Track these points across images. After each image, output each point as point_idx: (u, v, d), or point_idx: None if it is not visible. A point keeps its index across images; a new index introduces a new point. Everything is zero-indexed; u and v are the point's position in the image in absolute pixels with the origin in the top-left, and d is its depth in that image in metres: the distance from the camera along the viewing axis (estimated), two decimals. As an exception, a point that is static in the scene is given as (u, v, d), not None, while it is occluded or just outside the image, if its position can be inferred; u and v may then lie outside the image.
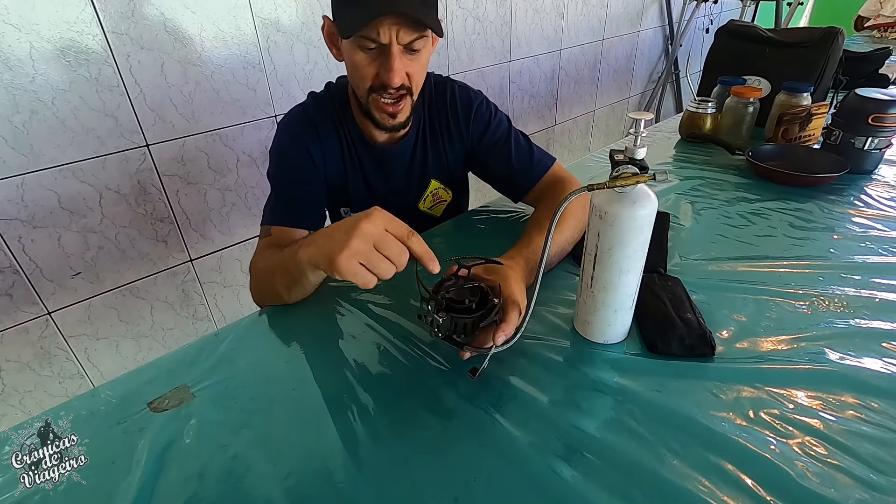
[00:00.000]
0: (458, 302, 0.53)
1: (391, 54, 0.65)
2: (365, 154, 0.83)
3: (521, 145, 0.85)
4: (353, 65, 0.69)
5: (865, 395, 0.51)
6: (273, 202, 0.77)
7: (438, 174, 0.89)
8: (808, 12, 4.24)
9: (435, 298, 0.53)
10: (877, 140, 0.97)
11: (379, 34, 0.63)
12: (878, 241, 0.78)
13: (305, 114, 0.79)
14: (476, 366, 0.52)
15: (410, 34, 0.65)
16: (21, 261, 1.10)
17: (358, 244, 0.48)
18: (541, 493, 0.43)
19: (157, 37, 1.13)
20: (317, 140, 0.78)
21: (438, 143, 0.86)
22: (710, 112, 1.21)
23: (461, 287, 0.55)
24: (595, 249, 0.53)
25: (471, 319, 0.52)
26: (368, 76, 0.68)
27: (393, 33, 0.64)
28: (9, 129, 1.00)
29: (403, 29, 0.64)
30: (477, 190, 1.02)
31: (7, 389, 1.18)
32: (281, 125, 0.80)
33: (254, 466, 0.46)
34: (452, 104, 0.84)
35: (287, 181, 0.78)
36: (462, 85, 0.86)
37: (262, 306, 0.71)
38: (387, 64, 0.66)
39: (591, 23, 2.41)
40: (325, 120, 0.79)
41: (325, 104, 0.80)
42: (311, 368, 0.58)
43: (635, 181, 0.48)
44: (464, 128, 0.85)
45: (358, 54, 0.67)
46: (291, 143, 0.78)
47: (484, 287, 0.55)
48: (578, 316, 0.60)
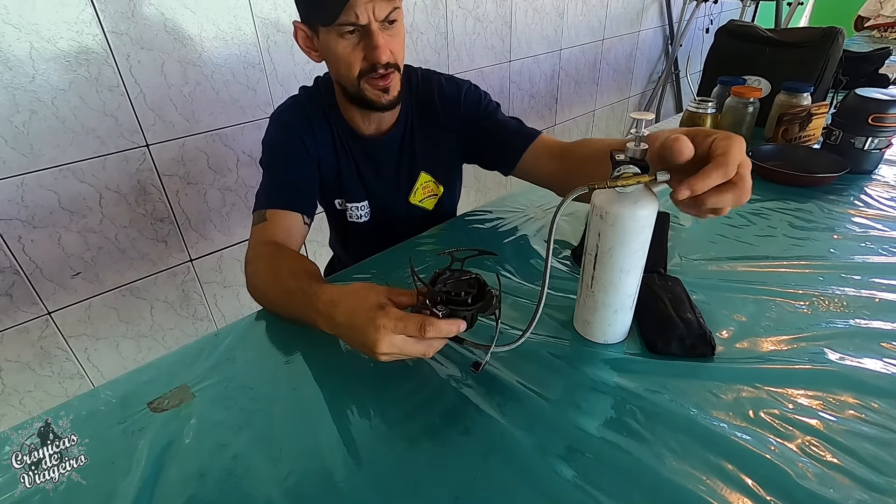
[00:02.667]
0: (455, 295, 0.51)
1: (372, 32, 0.66)
2: (355, 146, 0.84)
3: (510, 119, 0.86)
4: (336, 56, 0.69)
5: (865, 395, 0.51)
6: (266, 187, 0.78)
7: (429, 167, 0.89)
8: (808, 12, 4.24)
9: (431, 291, 0.51)
10: (877, 140, 0.97)
11: (357, 15, 0.64)
12: (878, 241, 0.78)
13: (298, 105, 0.81)
14: (479, 360, 0.52)
15: (385, 8, 0.66)
16: (21, 261, 1.10)
17: (385, 348, 0.48)
18: (541, 492, 0.43)
19: (157, 37, 1.13)
20: (310, 130, 0.79)
21: (429, 135, 0.86)
22: (710, 112, 1.21)
23: (458, 279, 0.53)
24: (595, 249, 0.53)
25: (469, 312, 0.51)
26: (355, 62, 0.69)
27: (369, 11, 0.65)
28: (9, 129, 1.00)
29: (377, 4, 0.65)
30: (477, 190, 1.02)
31: (7, 389, 1.18)
32: (274, 115, 0.81)
33: (254, 466, 0.46)
34: (441, 95, 0.84)
35: (280, 165, 0.78)
36: (449, 76, 0.87)
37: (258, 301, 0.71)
38: (371, 43, 0.67)
39: (591, 23, 2.42)
40: (317, 113, 0.80)
41: (316, 98, 0.82)
42: (311, 368, 0.58)
43: (637, 181, 0.48)
44: (455, 114, 0.85)
45: (340, 43, 0.67)
46: (285, 132, 0.79)
47: (481, 279, 0.54)
48: (579, 316, 0.60)
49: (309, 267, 0.66)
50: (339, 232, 0.99)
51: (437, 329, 0.48)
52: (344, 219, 0.91)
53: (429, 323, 0.48)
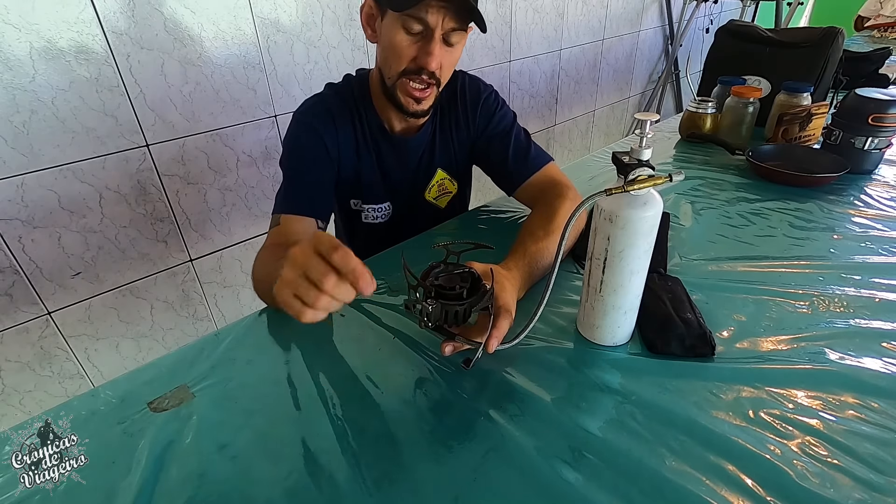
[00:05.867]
0: (447, 288, 0.50)
1: (433, 39, 0.67)
2: (383, 143, 0.83)
3: (521, 140, 0.86)
4: (391, 44, 0.69)
5: (865, 395, 0.51)
6: (283, 190, 0.78)
7: (445, 164, 0.90)
8: (808, 12, 4.24)
9: (423, 285, 0.50)
10: (877, 140, 0.97)
11: (428, 14, 0.65)
12: (878, 241, 0.78)
13: (322, 103, 0.80)
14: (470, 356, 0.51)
15: (455, 23, 0.67)
16: (21, 261, 1.10)
17: (287, 272, 0.44)
18: (541, 492, 0.43)
19: (157, 37, 1.13)
20: (332, 129, 0.79)
21: (447, 133, 0.87)
22: (710, 112, 1.21)
23: (451, 273, 0.52)
24: (605, 253, 0.53)
25: (462, 307, 0.50)
26: (405, 57, 0.70)
27: (440, 18, 0.66)
28: (9, 129, 1.00)
29: (450, 16, 0.66)
30: (477, 190, 1.02)
31: (7, 389, 1.18)
32: (296, 114, 0.80)
33: (254, 466, 0.46)
34: (462, 95, 0.85)
35: (298, 168, 0.78)
36: (473, 77, 0.87)
37: (263, 299, 0.71)
38: (427, 48, 0.68)
39: (591, 23, 2.41)
40: (343, 110, 0.80)
41: (343, 94, 0.81)
42: (311, 368, 0.58)
43: (652, 183, 0.48)
44: (471, 118, 0.86)
45: (400, 34, 0.68)
46: (306, 132, 0.78)
47: (475, 273, 0.53)
48: (585, 320, 0.59)
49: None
50: (347, 230, 0.99)
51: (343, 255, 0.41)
52: (358, 219, 0.90)
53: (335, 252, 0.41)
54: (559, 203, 0.75)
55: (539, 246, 0.68)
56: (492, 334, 0.51)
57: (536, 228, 0.71)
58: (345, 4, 1.43)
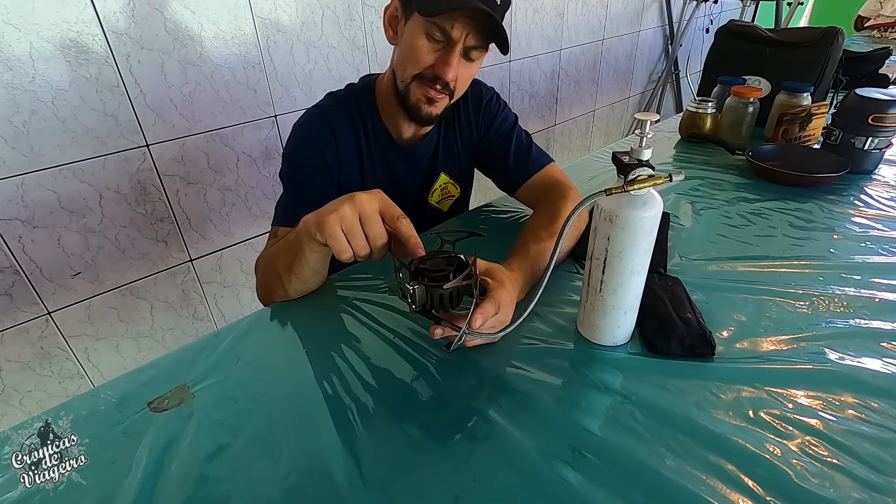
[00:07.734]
0: (434, 271, 0.50)
1: (454, 51, 0.68)
2: (390, 151, 0.83)
3: (522, 142, 0.86)
4: (411, 47, 0.69)
5: (865, 395, 0.51)
6: (283, 203, 0.78)
7: (448, 168, 0.90)
8: (808, 12, 4.24)
9: (407, 267, 0.51)
10: (877, 140, 0.97)
11: (452, 28, 0.66)
12: (878, 241, 0.78)
13: (321, 115, 0.79)
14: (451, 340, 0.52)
15: (477, 41, 0.68)
16: (21, 261, 1.10)
17: (347, 210, 0.51)
18: (541, 492, 0.43)
19: (157, 37, 1.13)
20: (332, 141, 0.78)
21: (451, 137, 0.87)
22: (710, 112, 1.21)
23: (437, 257, 0.53)
24: (605, 253, 0.53)
25: (447, 291, 0.49)
26: (423, 63, 0.70)
27: (464, 33, 0.66)
28: (9, 129, 1.00)
29: (475, 34, 0.67)
30: (477, 190, 1.02)
31: (7, 389, 1.18)
32: (295, 127, 0.80)
33: (254, 466, 0.46)
34: (464, 99, 0.85)
35: (298, 182, 0.78)
36: (474, 80, 0.86)
37: (266, 303, 0.71)
38: (446, 57, 0.68)
39: (591, 23, 2.41)
40: (344, 120, 0.79)
41: (345, 104, 0.80)
42: (312, 368, 0.58)
43: (652, 183, 0.48)
44: (474, 122, 0.87)
45: (422, 39, 0.68)
46: (305, 146, 0.78)
47: (463, 258, 0.53)
48: (586, 321, 0.59)
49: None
50: None
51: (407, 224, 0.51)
52: None
53: (403, 219, 0.51)
54: (562, 203, 0.75)
55: (541, 247, 0.68)
56: (475, 312, 0.50)
57: (539, 229, 0.71)
58: (345, 4, 1.43)
